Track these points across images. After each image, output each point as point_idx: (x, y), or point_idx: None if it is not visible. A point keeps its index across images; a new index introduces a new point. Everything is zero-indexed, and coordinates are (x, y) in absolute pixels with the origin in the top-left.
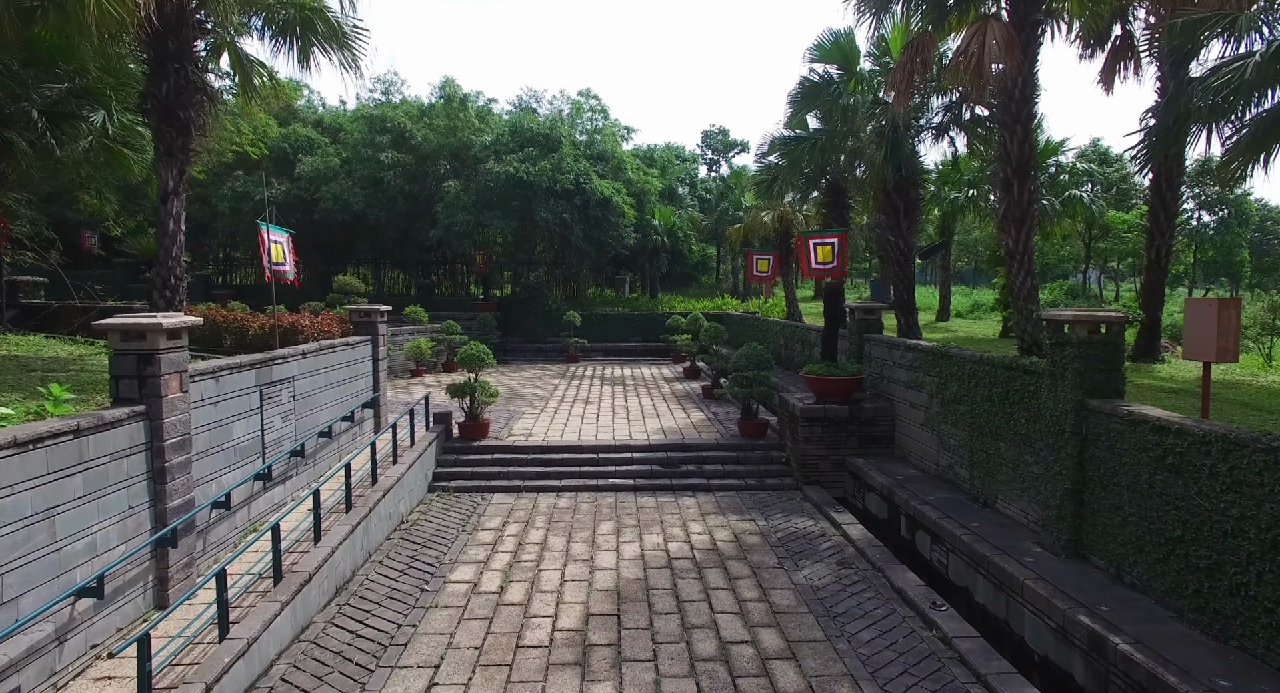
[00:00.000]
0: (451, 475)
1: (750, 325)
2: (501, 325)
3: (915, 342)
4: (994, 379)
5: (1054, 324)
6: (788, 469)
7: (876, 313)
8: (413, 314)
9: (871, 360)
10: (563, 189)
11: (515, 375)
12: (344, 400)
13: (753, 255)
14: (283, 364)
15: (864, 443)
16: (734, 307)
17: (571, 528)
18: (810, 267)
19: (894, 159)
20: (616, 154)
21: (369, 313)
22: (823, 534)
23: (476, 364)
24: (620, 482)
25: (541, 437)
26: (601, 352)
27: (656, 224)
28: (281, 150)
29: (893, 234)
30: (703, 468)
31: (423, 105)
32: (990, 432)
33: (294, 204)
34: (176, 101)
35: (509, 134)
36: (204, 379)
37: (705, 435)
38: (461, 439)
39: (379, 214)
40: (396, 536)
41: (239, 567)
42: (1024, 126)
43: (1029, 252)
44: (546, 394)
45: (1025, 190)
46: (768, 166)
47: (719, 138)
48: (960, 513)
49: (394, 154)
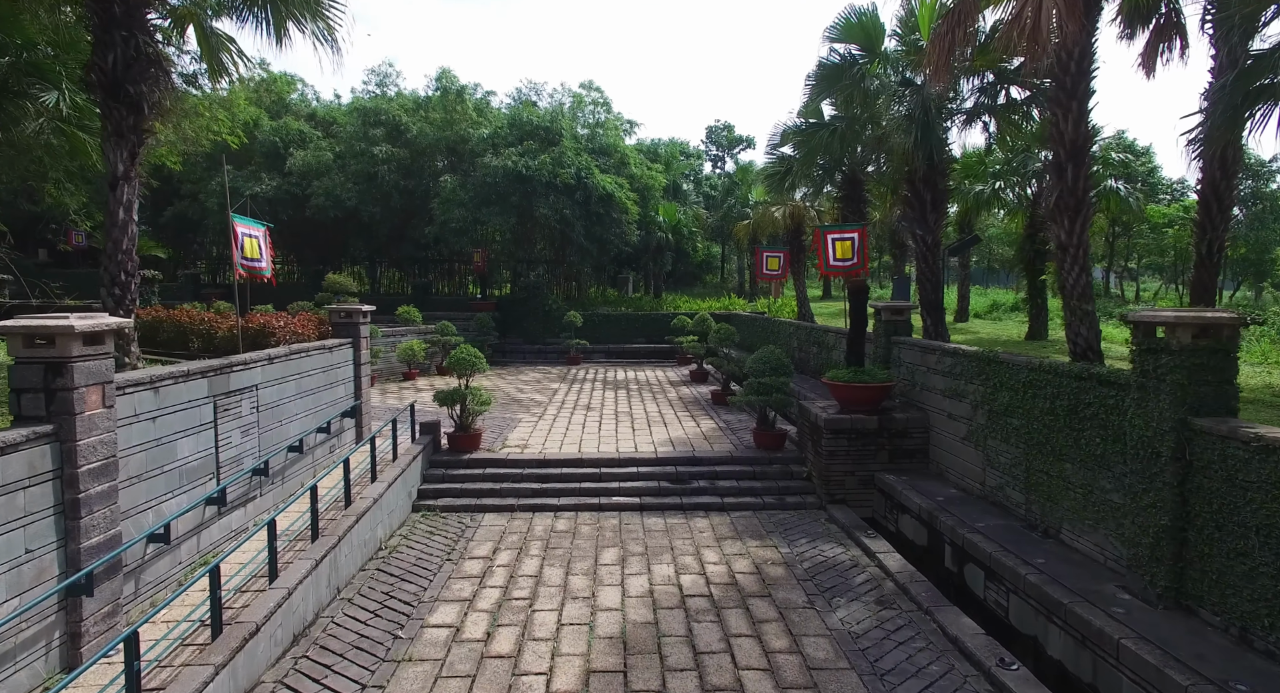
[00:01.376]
0: (438, 493)
1: (760, 327)
2: (500, 326)
3: (954, 346)
4: (1058, 390)
5: (1145, 327)
6: (809, 485)
7: (906, 313)
8: (406, 314)
9: (901, 366)
10: (563, 184)
11: (513, 379)
12: (319, 410)
13: (763, 253)
14: (243, 371)
15: (894, 457)
16: (741, 307)
17: (570, 556)
18: (828, 264)
19: (924, 145)
20: (619, 148)
21: (350, 313)
22: (855, 565)
23: (468, 369)
24: (625, 500)
25: (538, 448)
26: (604, 353)
27: (661, 221)
28: (272, 145)
29: (920, 228)
30: (716, 484)
31: (419, 98)
32: (1052, 451)
33: (285, 200)
34: (125, 74)
35: (508, 127)
36: (138, 391)
37: (718, 447)
38: (451, 451)
39: (373, 210)
40: (372, 566)
41: (179, 610)
42: (1080, 104)
43: (1084, 245)
44: (545, 400)
45: (1080, 176)
46: (779, 158)
47: (724, 134)
48: (1019, 544)
49: (388, 148)
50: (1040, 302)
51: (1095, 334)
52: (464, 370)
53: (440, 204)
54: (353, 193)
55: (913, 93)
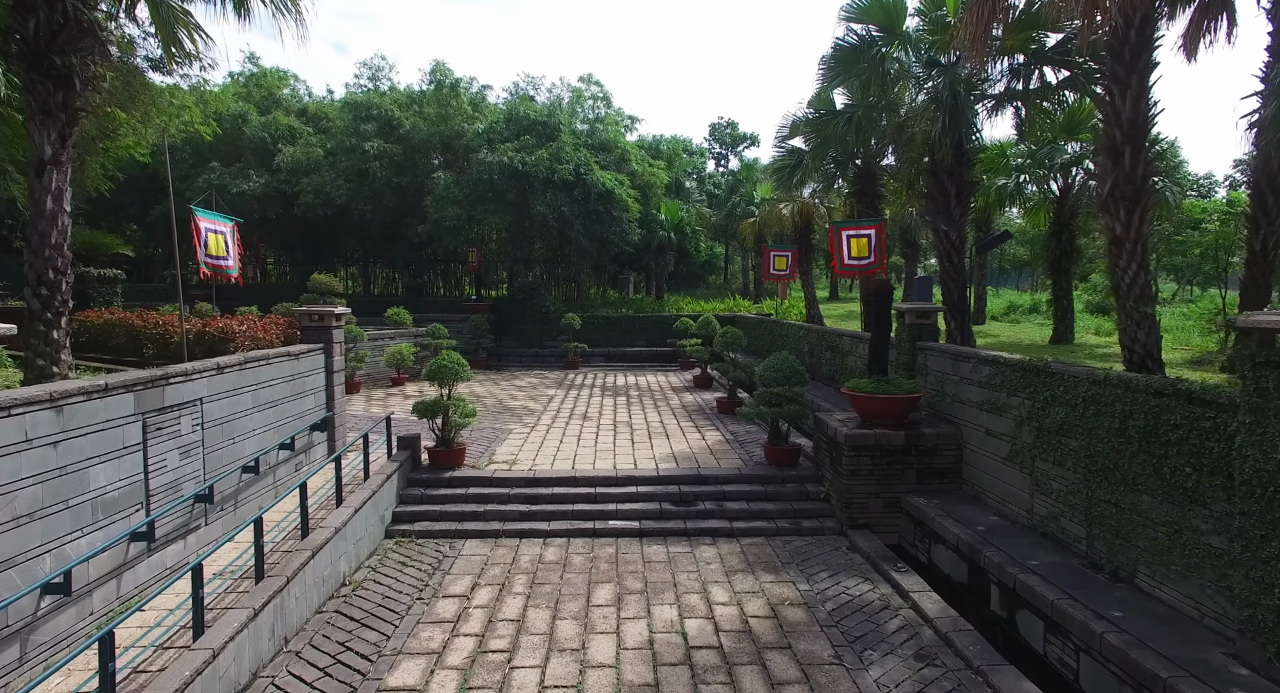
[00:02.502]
0: (415, 515)
1: (767, 330)
2: (495, 328)
3: (993, 353)
4: (1131, 408)
5: (1260, 335)
6: (827, 507)
7: (932, 317)
8: (395, 317)
9: (928, 375)
10: (561, 180)
11: (507, 384)
12: (283, 424)
13: (769, 252)
14: (183, 384)
15: (923, 477)
16: (746, 308)
17: (559, 595)
18: (843, 262)
19: (952, 131)
20: (620, 144)
21: (321, 316)
22: (886, 606)
23: (449, 378)
24: (623, 524)
25: (528, 464)
26: (603, 357)
27: (663, 219)
28: (261, 141)
29: (944, 223)
30: (724, 506)
31: (412, 92)
32: (1123, 479)
33: (274, 197)
34: (51, 44)
35: (504, 122)
36: (32, 411)
37: (725, 463)
38: (432, 468)
39: (364, 209)
40: (331, 606)
41: (77, 677)
42: (1140, 78)
43: (1143, 239)
44: (539, 408)
45: (1140, 160)
46: (788, 152)
47: (727, 131)
48: (1085, 590)
49: (380, 144)
50: (1066, 303)
51: (1155, 340)
52: (445, 379)
53: (434, 202)
54: (343, 190)
55: (939, 74)
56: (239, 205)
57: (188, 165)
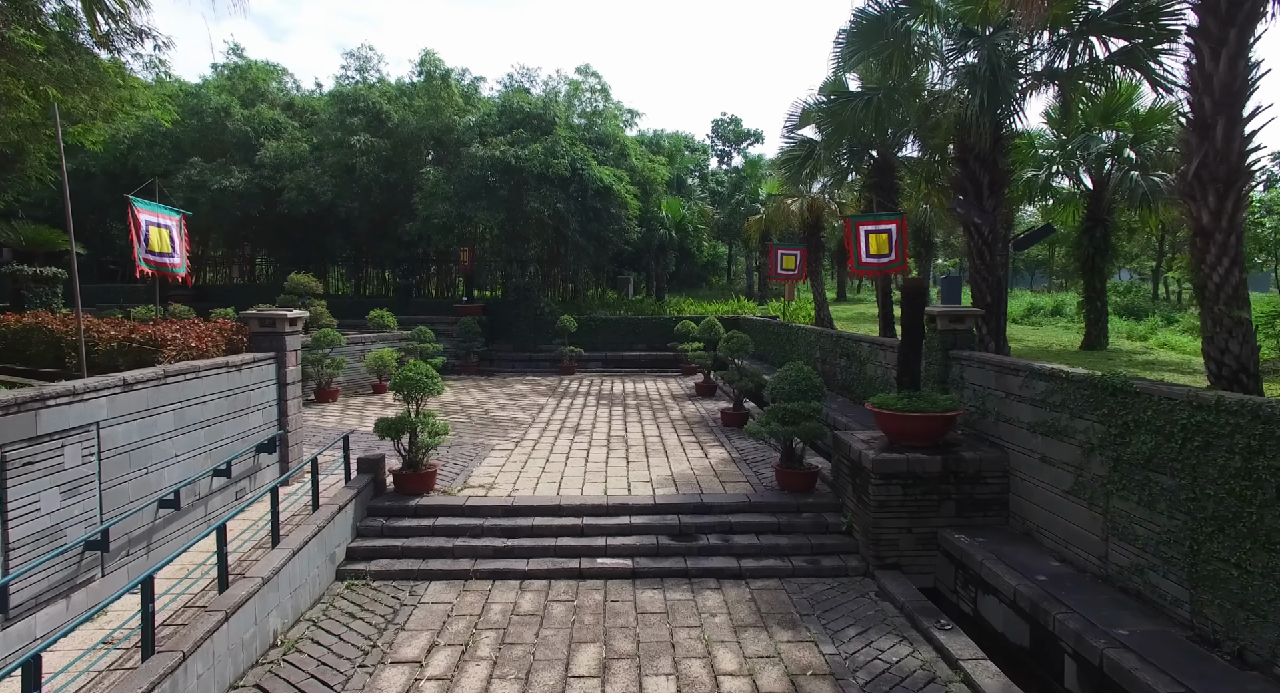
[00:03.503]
0: (373, 552)
1: (774, 334)
2: (488, 331)
3: (1050, 366)
4: (1262, 442)
5: None
6: (850, 542)
7: (968, 322)
8: (379, 319)
9: (964, 389)
10: (556, 175)
11: (496, 391)
12: (218, 447)
13: (777, 251)
14: (68, 405)
15: (964, 510)
16: (751, 310)
17: (532, 660)
18: (860, 260)
19: (990, 110)
20: (619, 138)
21: (273, 321)
22: (932, 678)
23: (417, 392)
24: (613, 564)
25: (508, 489)
26: (600, 361)
27: (664, 216)
28: (244, 135)
29: (977, 215)
30: (731, 541)
31: (403, 85)
32: (1252, 535)
33: (256, 194)
34: None
35: (497, 115)
36: None
37: (732, 487)
38: (396, 495)
39: (351, 206)
40: (253, 677)
41: None
42: (1240, 33)
43: (1236, 229)
44: (528, 419)
45: (1235, 134)
46: (798, 142)
47: (730, 127)
48: (1207, 680)
49: (367, 138)
50: (1100, 305)
51: (1251, 351)
52: (413, 393)
53: (423, 198)
54: (329, 186)
55: (976, 45)
56: (220, 202)
57: (167, 160)
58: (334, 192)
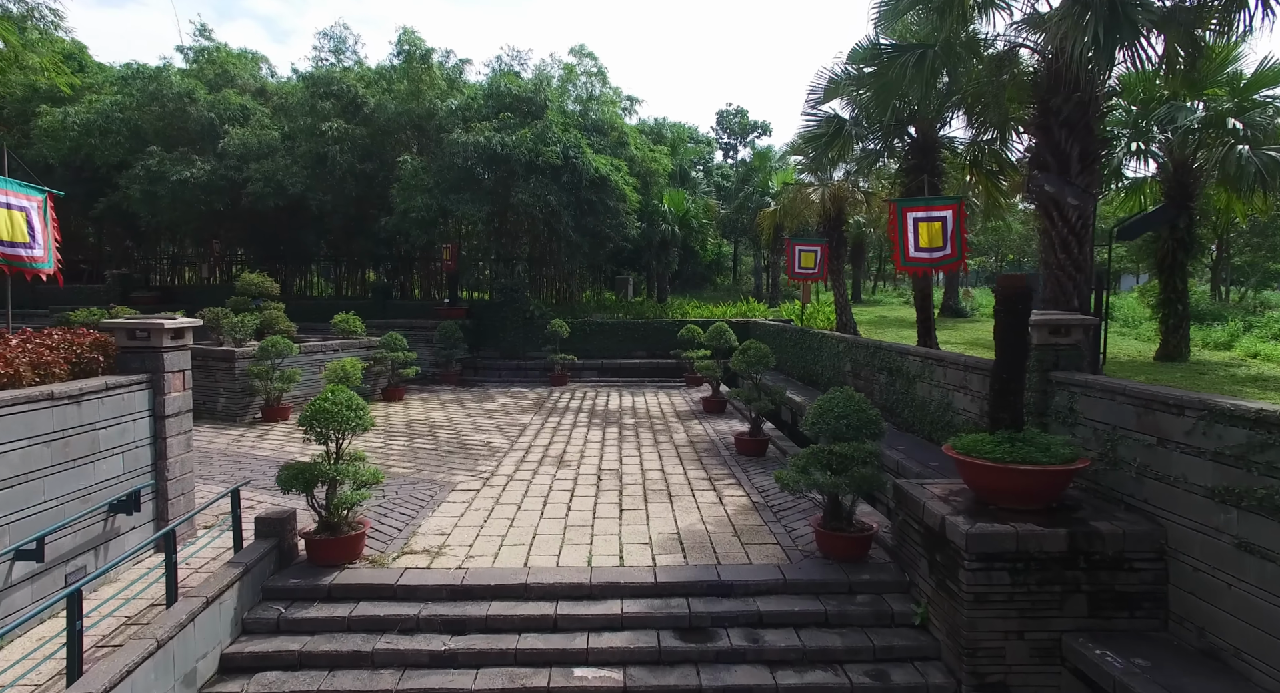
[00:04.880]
0: (259, 661)
1: (791, 341)
2: (472, 337)
3: (1250, 406)
4: None
5: None
6: (926, 641)
7: (1075, 335)
8: (344, 324)
9: (1078, 427)
10: (547, 164)
11: (476, 407)
12: (27, 517)
13: (795, 246)
14: None
15: (1100, 607)
16: (761, 313)
17: None
18: (908, 254)
19: (1108, 47)
20: (617, 125)
21: (148, 332)
22: None
23: (336, 428)
24: (597, 679)
25: (461, 556)
26: (596, 370)
27: (666, 211)
28: (208, 122)
29: (1073, 194)
30: (760, 641)
31: (381, 68)
32: None
33: (221, 186)
34: None
35: (483, 99)
36: None
37: (758, 552)
38: (308, 567)
39: (324, 199)
40: None
41: None
42: None
43: None
44: (505, 445)
45: None
46: (823, 119)
47: (736, 119)
48: None
49: (340, 124)
50: (1181, 309)
51: None
52: (328, 428)
53: (400, 190)
54: (299, 177)
55: None
56: (181, 195)
57: (124, 150)
58: (304, 183)
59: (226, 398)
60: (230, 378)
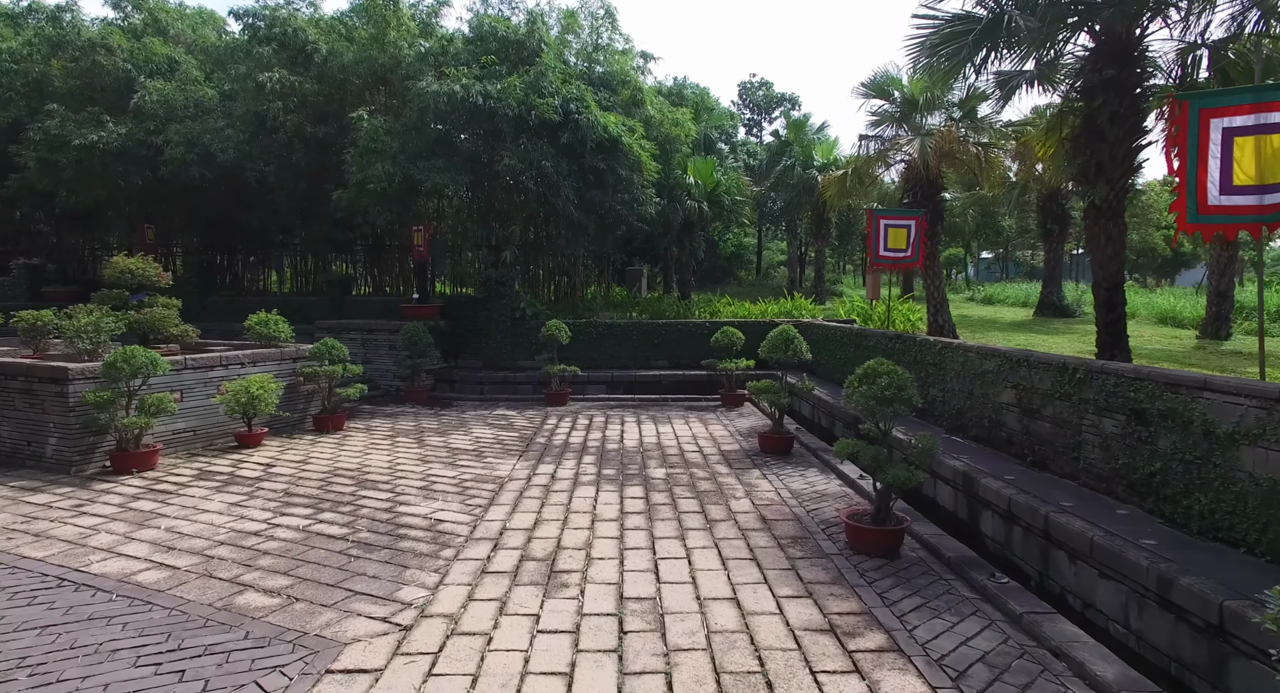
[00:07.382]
0: None
1: (870, 351)
2: (448, 342)
3: None
4: None
5: None
6: None
7: None
8: (260, 326)
9: None
10: (542, 121)
11: (439, 443)
12: None
13: (880, 221)
14: None
15: None
16: (811, 312)
17: None
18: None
19: None
20: (630, 81)
21: None
22: None
23: None
24: None
25: None
26: (604, 385)
27: (691, 184)
28: (125, 76)
29: None
30: None
31: (341, 14)
32: None
33: (139, 154)
34: None
35: (462, 43)
36: None
37: None
38: None
39: (265, 169)
40: None
41: None
42: None
43: None
44: (463, 530)
45: None
46: (950, 18)
47: (760, 92)
48: None
49: (284, 75)
50: None
51: None
52: None
53: (356, 155)
54: (229, 142)
55: None
56: (87, 165)
57: (18, 108)
58: (238, 150)
59: (59, 438)
60: (63, 408)
